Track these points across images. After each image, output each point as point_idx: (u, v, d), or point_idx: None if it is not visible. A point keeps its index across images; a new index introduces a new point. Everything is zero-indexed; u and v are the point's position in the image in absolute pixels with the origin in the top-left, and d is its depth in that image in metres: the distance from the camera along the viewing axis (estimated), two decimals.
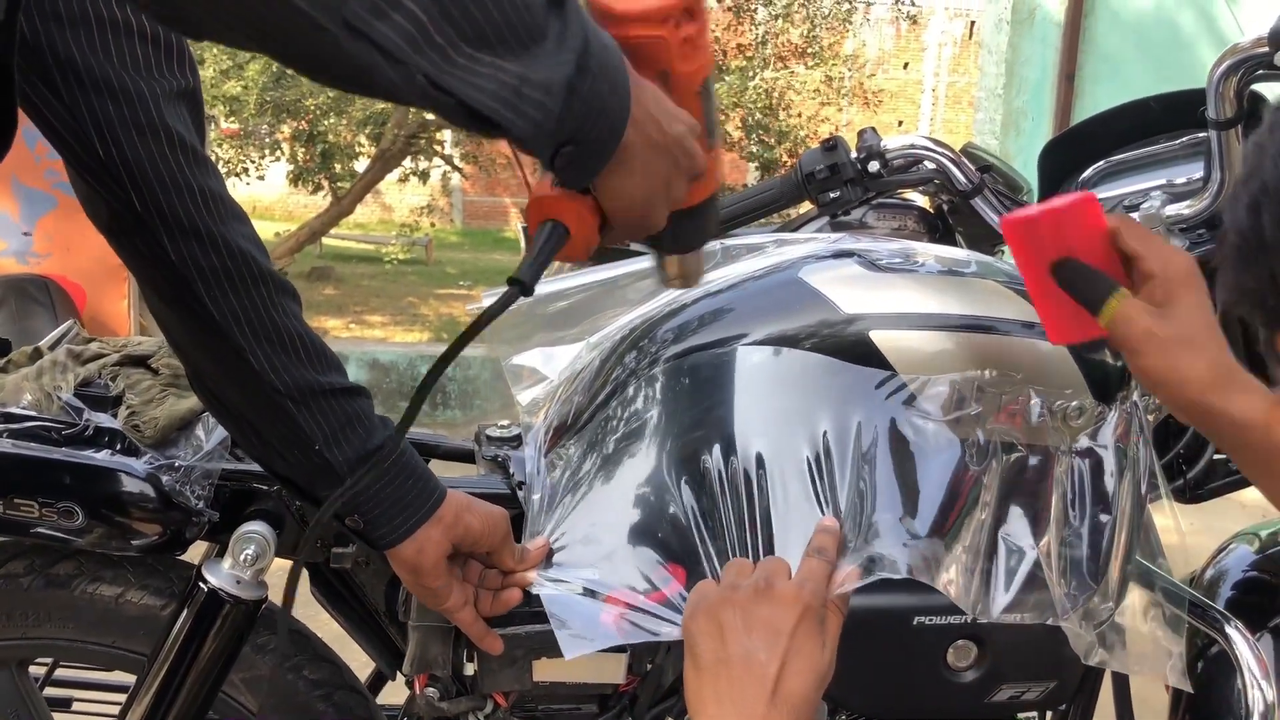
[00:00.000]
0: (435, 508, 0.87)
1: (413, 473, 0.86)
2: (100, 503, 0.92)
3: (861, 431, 0.90)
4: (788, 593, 0.76)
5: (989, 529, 0.90)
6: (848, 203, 1.13)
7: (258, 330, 0.80)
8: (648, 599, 0.90)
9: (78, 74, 0.73)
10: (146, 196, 0.76)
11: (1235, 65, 0.99)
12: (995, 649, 0.98)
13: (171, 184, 0.76)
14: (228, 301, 0.79)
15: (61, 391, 0.98)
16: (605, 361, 1.00)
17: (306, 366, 0.82)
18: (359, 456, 0.84)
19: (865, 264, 0.98)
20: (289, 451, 0.83)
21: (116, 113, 0.74)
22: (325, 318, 7.39)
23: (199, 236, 0.78)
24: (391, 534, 0.86)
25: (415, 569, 0.87)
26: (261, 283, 0.80)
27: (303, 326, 0.83)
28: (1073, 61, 5.39)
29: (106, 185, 0.76)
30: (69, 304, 3.04)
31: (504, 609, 0.92)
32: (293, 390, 0.81)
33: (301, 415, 0.82)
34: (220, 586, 0.94)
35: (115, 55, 0.74)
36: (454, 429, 4.50)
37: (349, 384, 0.85)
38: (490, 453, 1.07)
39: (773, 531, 0.90)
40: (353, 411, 0.84)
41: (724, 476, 0.91)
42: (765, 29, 8.61)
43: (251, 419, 0.83)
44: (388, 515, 0.85)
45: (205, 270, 0.78)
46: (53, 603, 1.00)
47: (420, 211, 8.76)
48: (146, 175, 0.76)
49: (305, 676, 1.06)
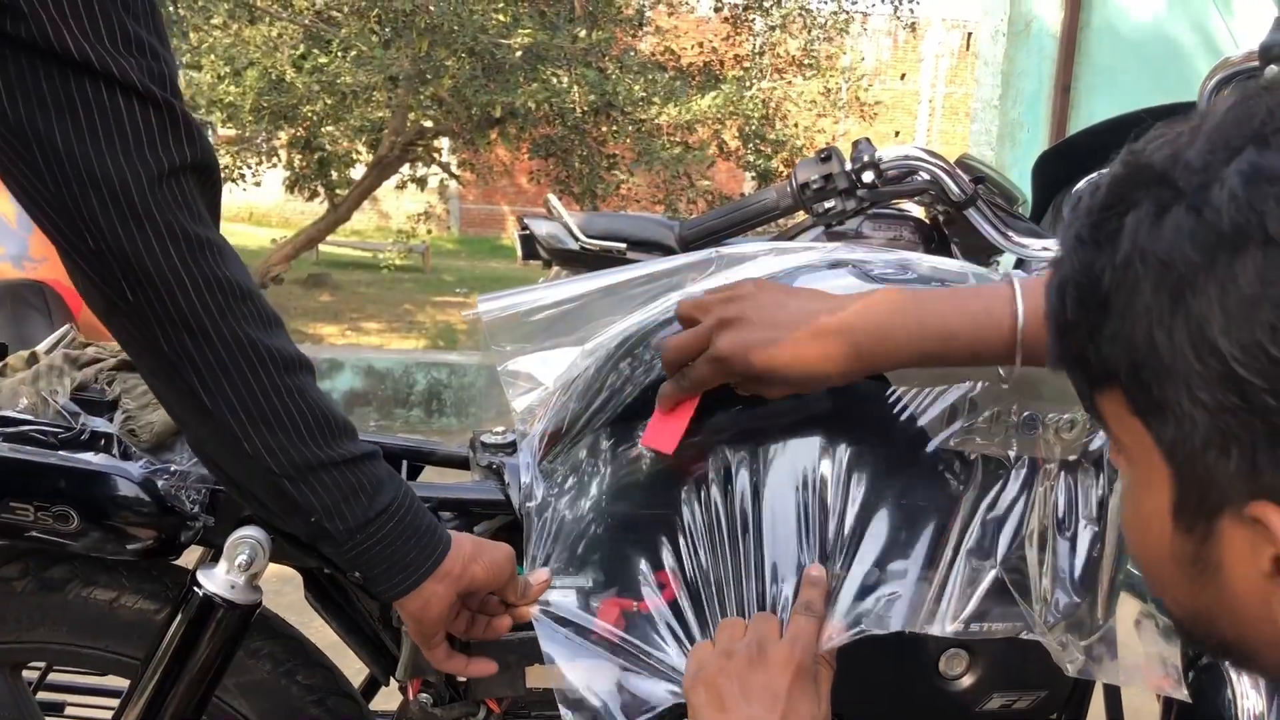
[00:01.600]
0: (437, 564, 0.85)
1: (415, 532, 0.85)
2: (95, 507, 0.92)
3: (853, 453, 0.91)
4: (780, 656, 0.82)
5: (971, 546, 0.91)
6: (842, 213, 1.14)
7: (254, 415, 0.77)
8: (639, 607, 0.91)
9: (60, 160, 0.69)
10: (138, 288, 0.73)
11: (1226, 79, 1.00)
12: (986, 658, 0.98)
13: (159, 278, 0.72)
14: (222, 391, 0.76)
15: (58, 396, 0.98)
16: (601, 368, 1.01)
17: (308, 443, 0.79)
18: (359, 525, 0.82)
19: (859, 275, 0.98)
20: (289, 519, 0.83)
21: (100, 203, 0.70)
22: (321, 325, 7.39)
23: (191, 331, 0.74)
24: (391, 590, 0.85)
25: (419, 620, 0.87)
26: (261, 367, 0.77)
27: (308, 401, 0.80)
28: (1069, 73, 5.41)
29: (99, 272, 0.73)
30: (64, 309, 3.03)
31: (494, 636, 0.93)
32: (289, 470, 0.79)
33: (299, 491, 0.80)
34: (214, 591, 0.94)
35: (103, 137, 0.70)
36: (450, 435, 4.50)
37: (356, 451, 0.83)
38: (485, 459, 1.07)
39: (764, 547, 0.91)
40: (356, 482, 0.82)
41: (716, 488, 0.92)
42: (763, 40, 8.65)
43: (250, 488, 0.82)
44: (387, 574, 0.84)
45: (199, 362, 0.75)
46: (47, 606, 1.00)
47: (417, 218, 8.76)
48: (140, 267, 0.72)
49: (299, 682, 1.06)
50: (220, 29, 7.00)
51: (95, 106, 0.69)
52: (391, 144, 7.48)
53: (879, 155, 1.13)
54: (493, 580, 0.89)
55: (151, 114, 0.71)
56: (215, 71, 6.93)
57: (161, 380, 0.78)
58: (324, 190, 8.31)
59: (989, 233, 1.13)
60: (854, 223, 1.64)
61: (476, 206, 16.94)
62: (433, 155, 8.33)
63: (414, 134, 7.56)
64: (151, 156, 0.71)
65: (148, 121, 0.71)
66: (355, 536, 0.82)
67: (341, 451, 0.81)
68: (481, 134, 7.24)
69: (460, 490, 1.02)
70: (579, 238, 3.36)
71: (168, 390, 0.79)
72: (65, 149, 0.69)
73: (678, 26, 9.01)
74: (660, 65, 7.77)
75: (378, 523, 0.83)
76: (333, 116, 7.11)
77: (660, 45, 8.66)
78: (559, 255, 3.48)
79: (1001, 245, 1.13)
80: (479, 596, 0.92)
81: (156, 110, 0.71)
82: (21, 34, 0.66)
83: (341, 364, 4.70)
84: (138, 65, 0.70)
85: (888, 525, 0.90)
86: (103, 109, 0.69)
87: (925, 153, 1.16)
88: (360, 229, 13.87)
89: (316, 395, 0.81)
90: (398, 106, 7.07)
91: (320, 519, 0.81)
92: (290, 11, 7.02)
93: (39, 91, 0.68)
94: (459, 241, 15.87)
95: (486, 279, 10.95)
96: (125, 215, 0.71)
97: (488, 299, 1.05)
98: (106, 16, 0.68)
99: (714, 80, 8.01)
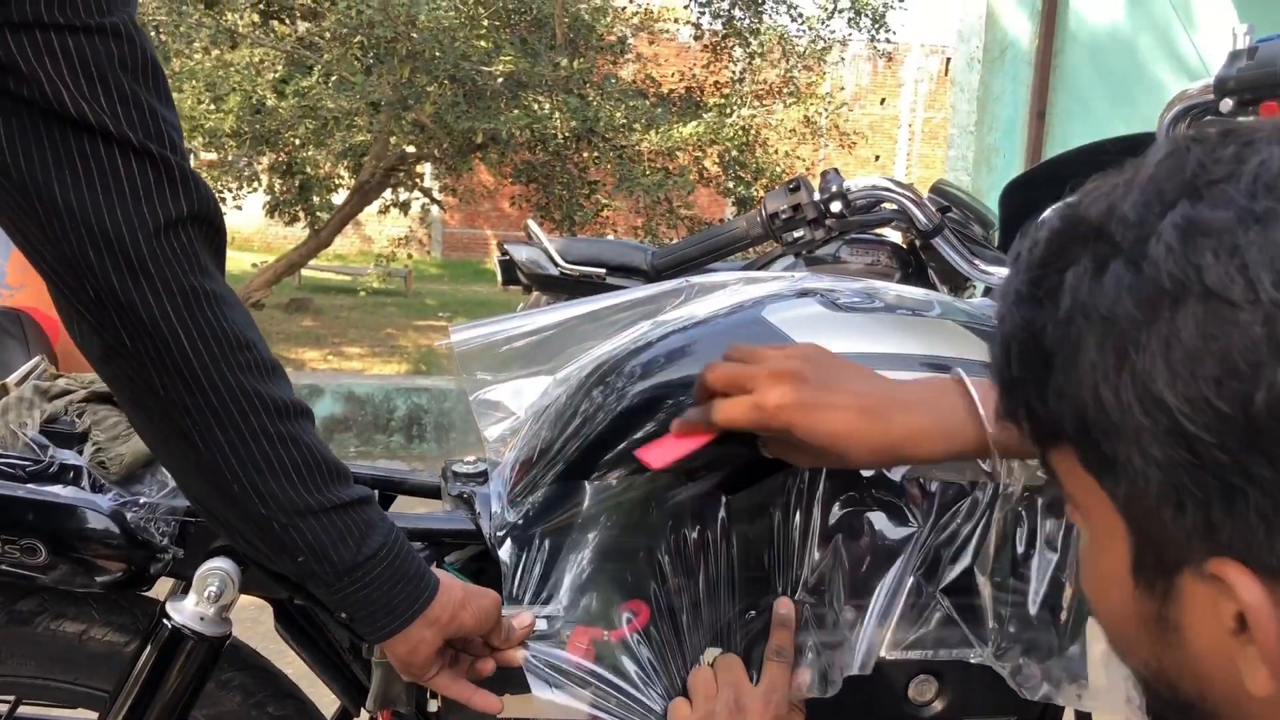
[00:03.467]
0: (423, 609, 0.86)
1: (403, 578, 0.85)
2: (64, 539, 0.92)
3: (819, 483, 0.92)
4: (755, 709, 0.85)
5: (927, 573, 0.92)
6: (811, 242, 1.15)
7: (244, 459, 0.78)
8: (610, 636, 0.92)
9: (59, 213, 0.71)
10: (137, 337, 0.74)
11: (1184, 111, 1.02)
12: (955, 684, 0.99)
13: (153, 328, 0.74)
14: (212, 435, 0.77)
15: (27, 428, 0.98)
16: (573, 396, 1.01)
17: (297, 488, 0.80)
18: (347, 569, 0.83)
19: (826, 303, 0.99)
20: (277, 559, 0.83)
21: (97, 255, 0.72)
22: (303, 349, 7.36)
23: (184, 378, 0.75)
24: (377, 633, 0.86)
25: (407, 664, 0.88)
26: (253, 414, 0.78)
27: (300, 447, 0.80)
28: (1044, 99, 5.48)
29: (99, 320, 0.74)
30: (42, 338, 3.01)
31: (478, 677, 0.93)
32: (276, 513, 0.80)
33: (286, 534, 0.81)
34: (184, 623, 0.93)
35: (101, 192, 0.72)
36: (429, 462, 4.49)
37: (347, 497, 0.83)
38: (456, 489, 1.08)
39: (734, 574, 0.92)
40: (344, 526, 0.83)
41: (688, 517, 0.92)
42: (743, 67, 8.72)
43: (238, 528, 0.82)
44: (373, 617, 0.85)
45: (190, 407, 0.76)
46: (15, 640, 1.00)
47: (398, 242, 8.76)
48: (136, 317, 0.74)
49: (270, 713, 1.05)
50: (202, 53, 7.01)
51: (94, 162, 0.71)
52: (373, 169, 7.49)
53: (847, 185, 1.15)
54: (480, 627, 0.90)
55: (149, 169, 0.73)
56: (196, 96, 6.93)
57: (153, 422, 0.79)
58: (305, 215, 8.31)
59: (955, 261, 1.15)
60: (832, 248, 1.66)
61: (459, 230, 16.96)
62: (415, 180, 8.34)
63: (396, 159, 7.58)
64: (149, 210, 0.73)
65: (145, 176, 0.73)
66: (342, 579, 0.83)
67: (331, 497, 0.82)
68: (463, 159, 7.27)
69: (431, 520, 1.03)
70: (559, 263, 3.38)
71: (156, 431, 0.80)
72: (64, 203, 0.71)
73: (659, 54, 9.08)
74: (641, 92, 7.82)
75: (365, 567, 0.83)
76: (315, 141, 7.13)
77: (641, 72, 8.72)
78: (539, 280, 3.49)
79: (967, 273, 1.15)
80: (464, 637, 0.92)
81: (154, 165, 0.73)
82: (24, 93, 0.69)
83: (322, 389, 4.68)
84: (134, 122, 0.72)
85: (851, 557, 0.91)
86: (100, 165, 0.72)
87: (892, 183, 1.18)
88: (343, 253, 13.86)
89: (310, 441, 0.82)
90: (379, 132, 7.09)
91: (308, 560, 0.82)
92: (272, 37, 7.04)
93: (40, 147, 0.70)
94: (442, 265, 15.87)
95: (469, 303, 10.94)
96: (122, 267, 0.73)
97: (460, 329, 1.05)
98: (103, 76, 0.71)
99: (695, 107, 8.06)
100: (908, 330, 0.97)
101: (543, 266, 3.44)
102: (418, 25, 6.30)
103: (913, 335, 0.96)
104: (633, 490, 0.94)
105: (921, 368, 0.94)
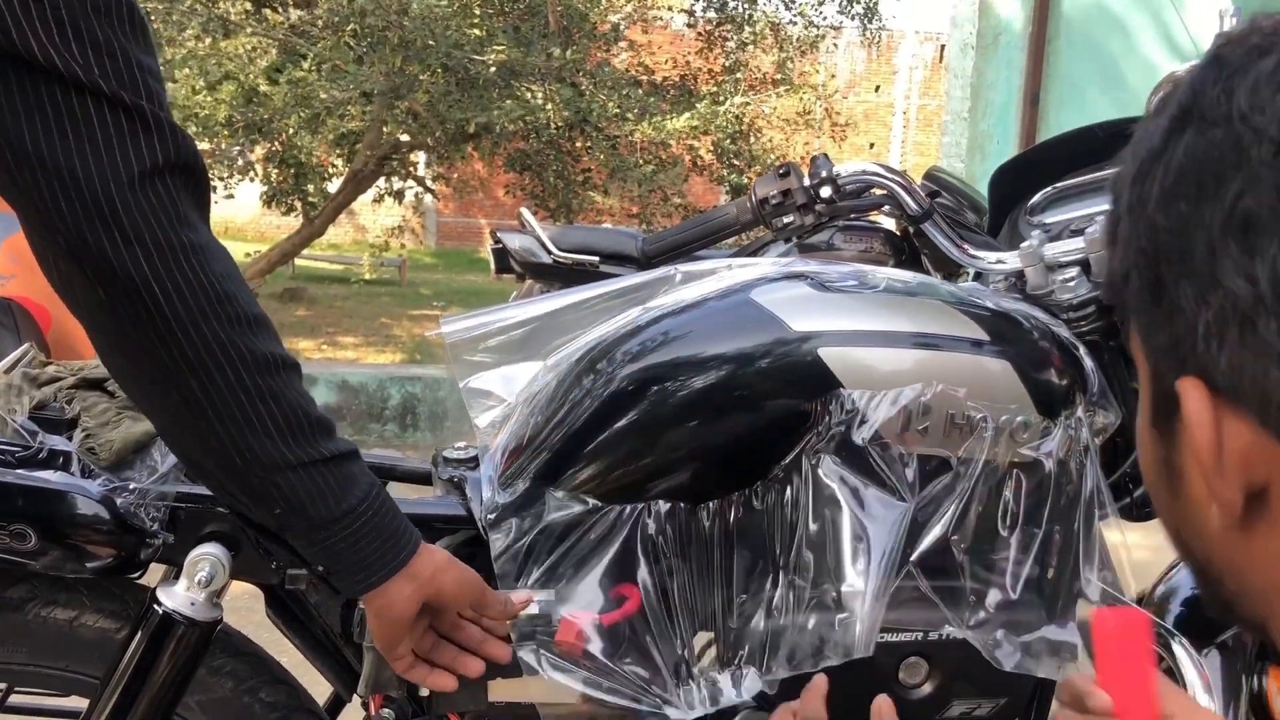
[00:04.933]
0: (401, 566, 0.86)
1: (381, 533, 0.85)
2: (54, 525, 0.92)
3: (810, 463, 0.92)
4: None
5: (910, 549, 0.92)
6: (800, 228, 1.15)
7: (221, 413, 0.78)
8: (602, 619, 0.92)
9: (30, 163, 0.70)
10: (110, 288, 0.73)
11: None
12: (945, 666, 0.99)
13: (129, 282, 0.73)
14: (189, 389, 0.76)
15: (16, 415, 0.98)
16: (562, 381, 1.01)
17: (276, 442, 0.80)
18: (324, 522, 0.83)
19: (815, 285, 1.00)
20: (257, 509, 0.83)
21: (69, 206, 0.71)
22: (297, 339, 7.35)
23: (160, 334, 0.75)
24: (353, 586, 0.87)
25: (380, 617, 0.88)
26: (231, 367, 0.77)
27: (281, 402, 0.80)
28: (1037, 85, 5.48)
29: (72, 264, 0.73)
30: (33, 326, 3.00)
31: (464, 671, 0.93)
32: (255, 468, 0.80)
33: (264, 488, 0.81)
34: (175, 609, 0.94)
35: (74, 142, 0.70)
36: (424, 450, 4.48)
37: (328, 451, 0.83)
38: (447, 474, 1.08)
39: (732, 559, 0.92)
40: (324, 481, 0.82)
41: (681, 503, 0.93)
42: (736, 57, 8.70)
43: (218, 478, 0.82)
44: (350, 571, 0.86)
45: (167, 362, 0.76)
46: (5, 626, 1.00)
47: (391, 232, 8.73)
48: (109, 270, 0.72)
49: (261, 699, 1.05)
50: (195, 40, 6.97)
51: (65, 111, 0.70)
52: (367, 158, 7.47)
53: (837, 171, 1.15)
54: (461, 596, 0.90)
55: (123, 118, 0.72)
56: (190, 85, 6.89)
57: (132, 367, 0.79)
58: (300, 204, 8.28)
59: (945, 246, 1.15)
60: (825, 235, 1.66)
61: (453, 219, 16.91)
62: (409, 169, 8.32)
63: (389, 148, 7.55)
64: (123, 160, 0.71)
65: (119, 125, 0.71)
66: (319, 533, 0.83)
67: (311, 452, 0.82)
68: (456, 148, 7.24)
69: (422, 505, 1.03)
70: (552, 251, 3.36)
71: (134, 378, 0.79)
72: (35, 152, 0.70)
73: (651, 42, 9.04)
74: (635, 80, 7.79)
75: (343, 522, 0.83)
76: (308, 129, 7.09)
77: (634, 61, 8.69)
78: (532, 269, 3.47)
79: (957, 259, 1.15)
80: (449, 617, 0.92)
81: (127, 114, 0.72)
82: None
83: (315, 379, 4.67)
84: (106, 70, 0.70)
85: (844, 539, 0.91)
86: (72, 114, 0.70)
87: (882, 168, 1.18)
88: (337, 243, 13.81)
89: (291, 396, 0.81)
90: (372, 121, 7.06)
91: (285, 513, 0.82)
92: (265, 25, 7.00)
93: (9, 95, 0.69)
94: (436, 254, 15.84)
95: (464, 292, 10.92)
96: (94, 218, 0.71)
97: (450, 320, 1.06)
98: (74, 22, 0.69)
99: (688, 95, 8.04)
100: (896, 309, 0.97)
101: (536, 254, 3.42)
102: (410, 14, 6.28)
103: (901, 314, 0.97)
104: (624, 477, 0.95)
105: (910, 345, 0.94)
